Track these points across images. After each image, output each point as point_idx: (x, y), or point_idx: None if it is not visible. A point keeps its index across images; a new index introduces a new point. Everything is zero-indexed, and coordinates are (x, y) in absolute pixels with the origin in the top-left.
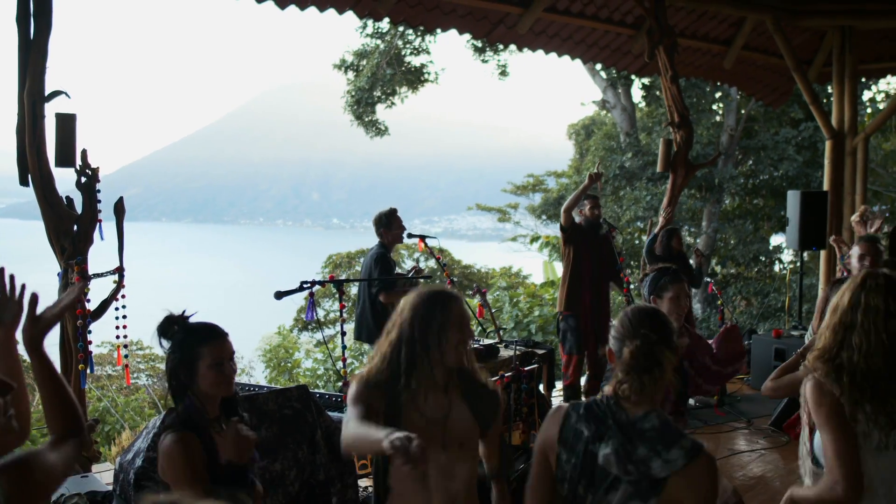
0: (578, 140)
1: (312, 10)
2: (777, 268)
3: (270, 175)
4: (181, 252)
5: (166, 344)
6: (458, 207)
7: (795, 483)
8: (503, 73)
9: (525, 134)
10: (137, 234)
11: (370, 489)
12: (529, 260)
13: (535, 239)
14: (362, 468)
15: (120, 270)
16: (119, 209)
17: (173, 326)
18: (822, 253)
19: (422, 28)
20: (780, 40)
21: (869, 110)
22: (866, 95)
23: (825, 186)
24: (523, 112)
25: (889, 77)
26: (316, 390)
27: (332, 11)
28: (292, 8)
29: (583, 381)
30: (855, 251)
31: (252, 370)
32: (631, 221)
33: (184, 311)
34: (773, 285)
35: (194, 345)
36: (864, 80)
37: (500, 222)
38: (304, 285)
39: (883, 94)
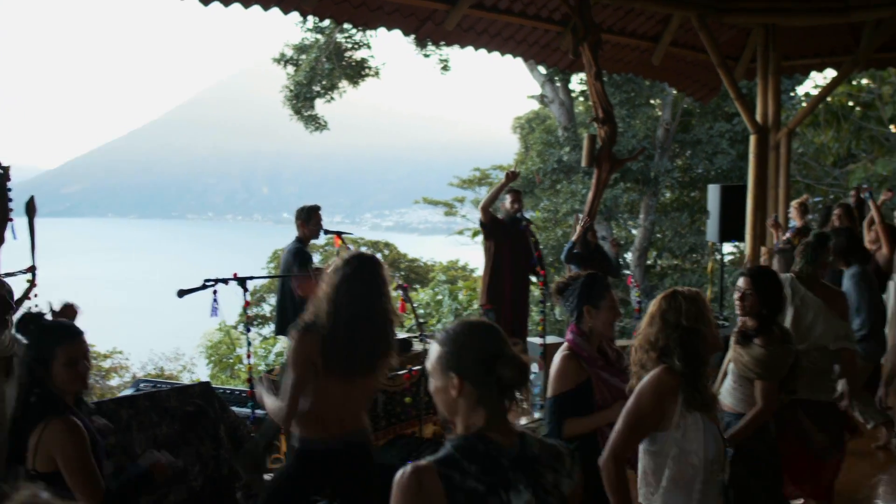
0: (523, 134)
1: (237, 7)
2: (706, 260)
3: (219, 169)
4: (125, 248)
5: (24, 340)
6: (408, 201)
7: None
8: (445, 68)
9: (475, 127)
10: (81, 231)
11: None
12: (475, 253)
13: (477, 233)
14: (275, 462)
15: (32, 269)
16: (30, 208)
17: (29, 325)
18: (747, 244)
19: (349, 24)
20: (705, 37)
21: (804, 104)
22: (801, 90)
23: (749, 180)
24: (473, 105)
25: (813, 73)
26: (224, 387)
27: (256, 8)
28: (216, 5)
29: None
30: None
31: (194, 367)
32: (568, 214)
33: (41, 310)
34: (706, 277)
35: (50, 344)
36: (796, 76)
37: (447, 216)
38: (207, 283)
39: (818, 90)
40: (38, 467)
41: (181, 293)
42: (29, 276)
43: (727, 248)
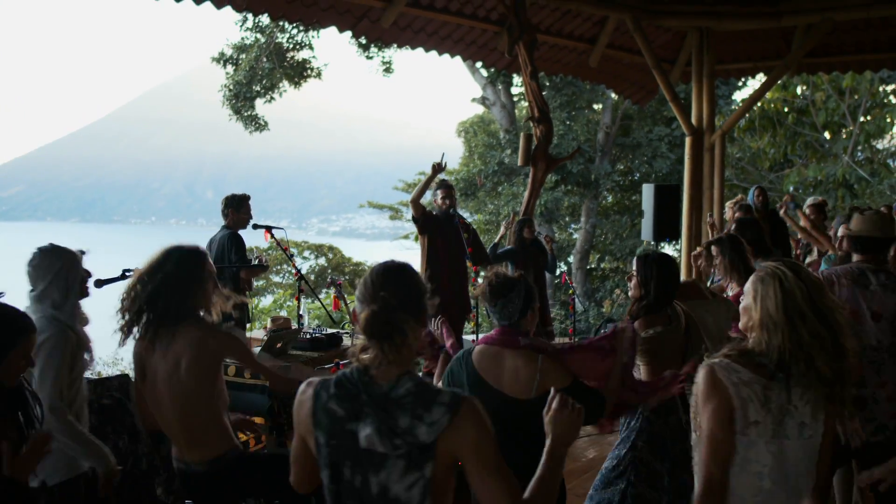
0: (468, 137)
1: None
2: None
3: (163, 173)
4: None
5: None
6: (355, 206)
7: None
8: (388, 70)
9: (421, 130)
10: (18, 235)
11: None
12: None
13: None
14: None
15: None
16: None
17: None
18: (683, 243)
19: (283, 20)
20: (640, 39)
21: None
22: (738, 96)
23: (685, 181)
24: (421, 108)
25: (751, 81)
26: None
27: (188, 2)
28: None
29: None
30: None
31: (132, 371)
32: (508, 216)
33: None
34: None
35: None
36: (730, 81)
37: (392, 220)
38: (127, 273)
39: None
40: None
41: (98, 283)
42: None
43: (669, 250)
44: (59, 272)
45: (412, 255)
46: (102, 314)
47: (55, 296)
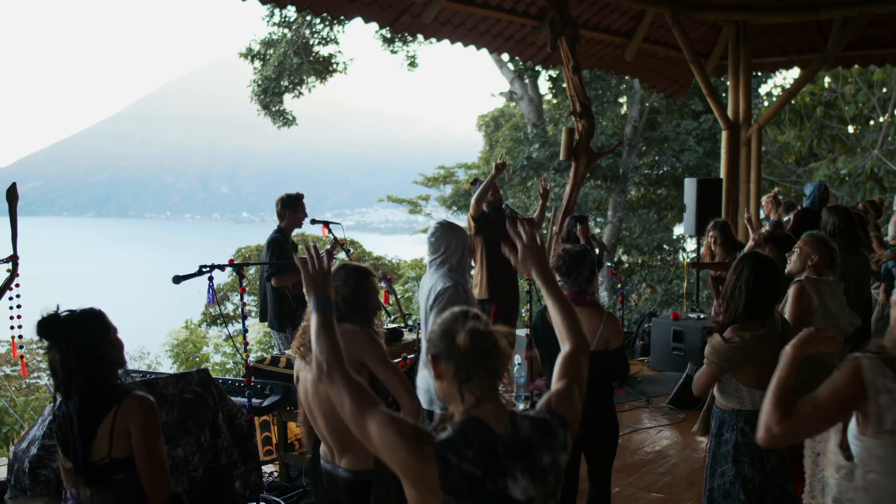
0: (488, 131)
1: None
2: (681, 256)
3: (177, 168)
4: (84, 247)
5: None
6: (369, 200)
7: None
8: (412, 64)
9: (437, 125)
10: (36, 229)
11: (275, 474)
12: None
13: None
14: (267, 454)
15: (14, 259)
16: (12, 195)
17: (53, 325)
18: None
19: (327, 16)
20: (678, 33)
21: (766, 104)
22: (763, 89)
23: (722, 175)
24: (435, 103)
25: (783, 71)
26: (218, 377)
27: None
28: None
29: None
30: None
31: (159, 365)
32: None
33: (57, 306)
34: (677, 272)
35: (99, 323)
36: (758, 73)
37: (411, 214)
38: (204, 269)
39: (779, 89)
40: (114, 453)
41: (177, 279)
42: (9, 265)
43: (690, 245)
44: (456, 244)
45: None
46: (126, 307)
47: (452, 261)
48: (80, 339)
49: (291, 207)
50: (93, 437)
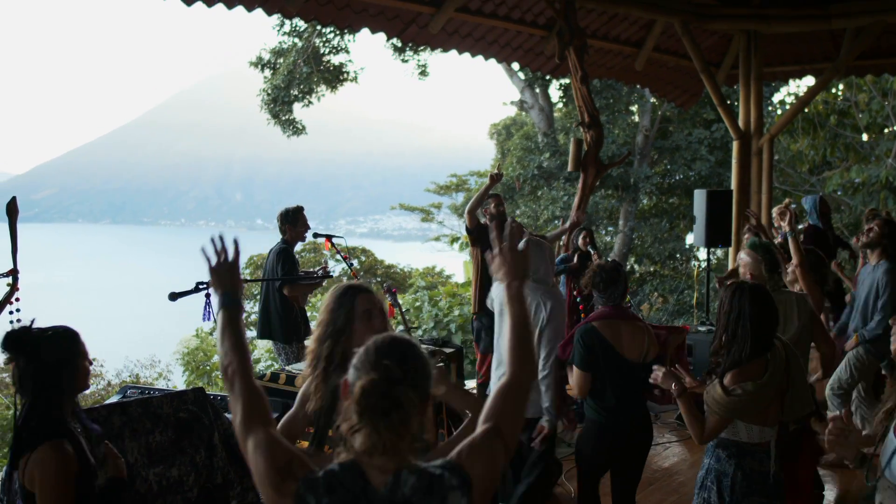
0: (500, 140)
1: (220, 7)
2: (693, 265)
3: (192, 175)
4: (97, 254)
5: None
6: (383, 207)
7: None
8: (423, 73)
9: (449, 133)
10: (51, 237)
11: None
12: (452, 259)
13: (454, 239)
14: None
15: (14, 273)
16: (11, 209)
17: (22, 340)
18: (731, 250)
19: (333, 26)
20: (688, 42)
21: (779, 112)
22: (776, 98)
23: (733, 185)
24: (448, 111)
25: (796, 80)
26: (216, 393)
27: (240, 9)
28: (199, 5)
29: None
30: None
31: (170, 374)
32: (549, 221)
33: (32, 321)
34: (688, 282)
35: (68, 345)
36: (772, 83)
37: (423, 222)
38: (200, 286)
39: (792, 97)
40: (25, 484)
41: (173, 296)
42: (9, 280)
43: (702, 254)
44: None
45: (444, 257)
46: (139, 315)
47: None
48: (45, 359)
49: (291, 222)
50: (15, 466)
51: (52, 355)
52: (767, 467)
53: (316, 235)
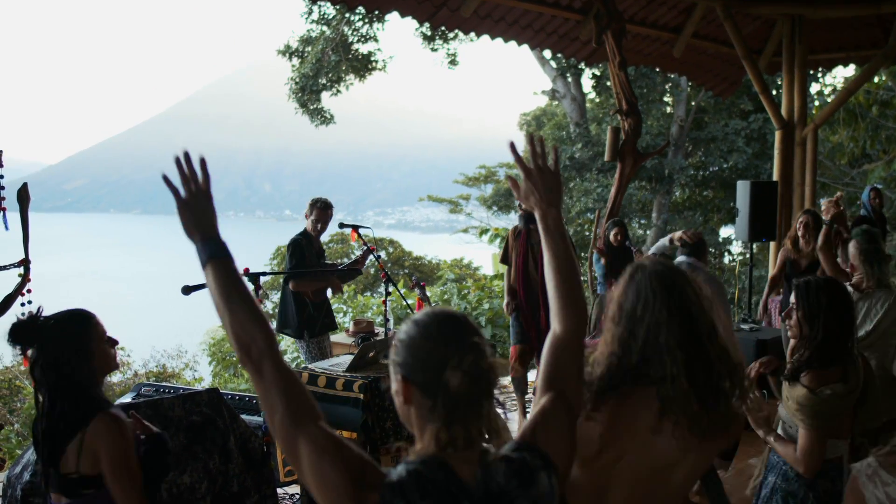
0: (530, 130)
1: None
2: (726, 259)
3: (221, 165)
4: (128, 244)
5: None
6: (411, 199)
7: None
8: (453, 62)
9: (479, 124)
10: (83, 226)
11: (296, 496)
12: (480, 252)
13: (483, 231)
14: (288, 475)
15: (25, 263)
16: (22, 196)
17: (30, 329)
18: (772, 244)
19: (363, 10)
20: (731, 27)
21: (816, 103)
22: (814, 88)
23: (775, 177)
24: (477, 102)
25: (840, 68)
26: (233, 392)
27: None
28: None
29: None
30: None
31: (197, 364)
32: (581, 213)
33: (39, 309)
34: (723, 277)
35: (83, 328)
36: (819, 71)
37: (451, 214)
38: None
39: (830, 88)
40: (83, 469)
41: (186, 290)
42: (21, 270)
43: (736, 248)
44: None
45: (472, 248)
46: (159, 306)
47: None
48: (53, 349)
49: (321, 207)
50: (62, 453)
51: (61, 342)
52: (840, 486)
53: (342, 226)
